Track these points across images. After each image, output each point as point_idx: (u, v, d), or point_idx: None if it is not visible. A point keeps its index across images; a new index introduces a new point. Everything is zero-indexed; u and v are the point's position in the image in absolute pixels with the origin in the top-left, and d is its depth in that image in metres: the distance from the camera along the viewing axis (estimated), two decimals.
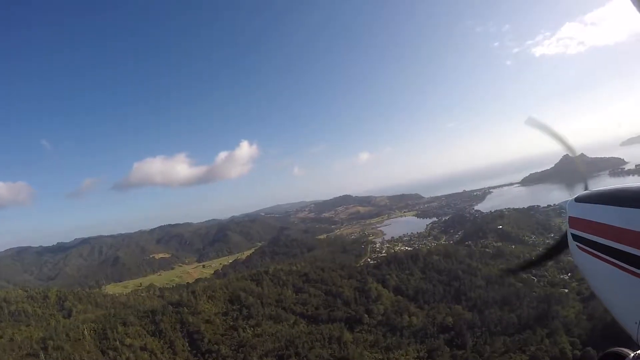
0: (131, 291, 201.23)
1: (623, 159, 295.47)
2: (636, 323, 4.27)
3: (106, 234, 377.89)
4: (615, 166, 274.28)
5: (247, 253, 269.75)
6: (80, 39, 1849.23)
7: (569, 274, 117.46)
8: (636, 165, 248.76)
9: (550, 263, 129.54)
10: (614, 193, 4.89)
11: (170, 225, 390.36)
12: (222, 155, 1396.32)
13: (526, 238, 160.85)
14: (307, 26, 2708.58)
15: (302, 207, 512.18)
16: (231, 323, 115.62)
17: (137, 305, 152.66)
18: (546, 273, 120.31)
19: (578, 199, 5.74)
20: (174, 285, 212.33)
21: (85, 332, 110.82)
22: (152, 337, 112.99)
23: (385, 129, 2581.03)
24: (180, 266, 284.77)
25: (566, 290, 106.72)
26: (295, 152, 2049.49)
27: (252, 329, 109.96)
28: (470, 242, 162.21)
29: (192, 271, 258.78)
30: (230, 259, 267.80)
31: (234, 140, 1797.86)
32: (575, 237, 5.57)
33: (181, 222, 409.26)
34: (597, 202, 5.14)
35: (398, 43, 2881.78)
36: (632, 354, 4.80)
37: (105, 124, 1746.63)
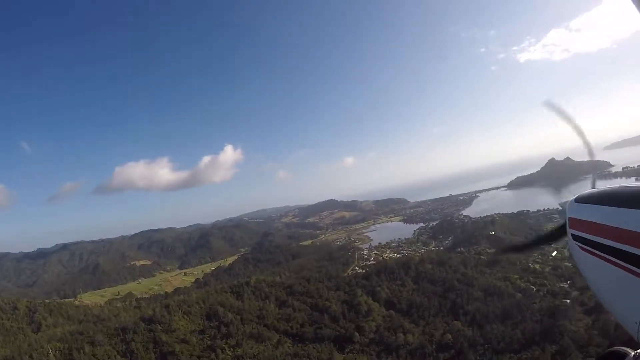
0: (108, 301, 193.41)
1: (609, 162, 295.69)
2: (636, 323, 4.20)
3: (87, 239, 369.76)
4: (602, 169, 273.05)
5: (230, 260, 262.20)
6: (61, 40, 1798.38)
7: (569, 282, 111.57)
8: (623, 168, 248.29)
9: (547, 269, 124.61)
10: (614, 193, 4.85)
11: (152, 231, 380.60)
12: (206, 159, 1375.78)
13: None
14: (291, 29, 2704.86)
15: (287, 212, 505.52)
16: (208, 342, 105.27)
17: (110, 318, 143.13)
18: (545, 282, 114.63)
19: (578, 200, 5.68)
20: (152, 295, 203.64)
21: (50, 353, 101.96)
22: (122, 359, 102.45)
23: (370, 134, 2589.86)
24: (161, 273, 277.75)
25: (568, 301, 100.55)
26: (280, 156, 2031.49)
27: (232, 349, 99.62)
28: (462, 248, 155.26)
29: (172, 279, 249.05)
30: (212, 266, 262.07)
31: (218, 145, 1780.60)
32: (576, 237, 5.52)
33: (164, 227, 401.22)
34: (597, 202, 5.11)
35: (383, 48, 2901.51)
36: (633, 353, 4.79)
37: (86, 127, 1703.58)
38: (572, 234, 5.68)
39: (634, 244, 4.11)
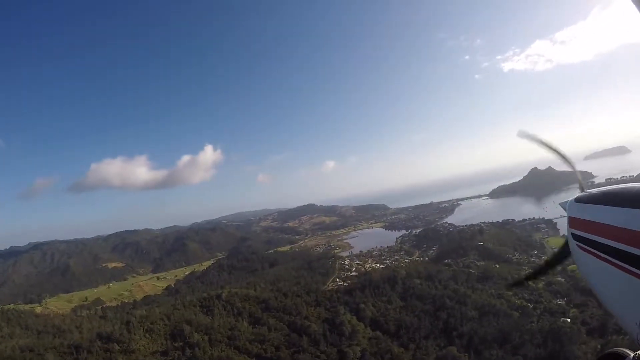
0: (73, 308, 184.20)
1: (591, 173, 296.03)
2: (636, 324, 4.18)
3: (62, 239, 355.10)
4: (584, 179, 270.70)
5: (206, 264, 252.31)
6: (33, 30, 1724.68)
7: (565, 299, 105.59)
8: (606, 179, 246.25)
9: (541, 285, 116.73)
10: (614, 193, 4.89)
11: (127, 232, 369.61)
12: (185, 159, 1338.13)
13: (509, 256, 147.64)
14: (275, 31, 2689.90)
15: (266, 215, 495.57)
16: None
17: (71, 330, 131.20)
18: (542, 299, 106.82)
19: (578, 200, 5.74)
20: (120, 302, 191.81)
21: None
22: None
23: (351, 139, 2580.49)
24: (134, 277, 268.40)
25: (568, 320, 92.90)
26: (260, 158, 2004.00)
27: None
28: (450, 260, 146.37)
29: (144, 284, 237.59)
30: (187, 271, 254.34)
31: (198, 144, 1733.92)
32: (576, 237, 5.56)
33: (141, 227, 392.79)
34: (597, 202, 5.15)
35: (366, 52, 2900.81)
36: (633, 354, 4.74)
37: (61, 120, 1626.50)
38: (572, 234, 5.63)
39: (634, 244, 4.07)
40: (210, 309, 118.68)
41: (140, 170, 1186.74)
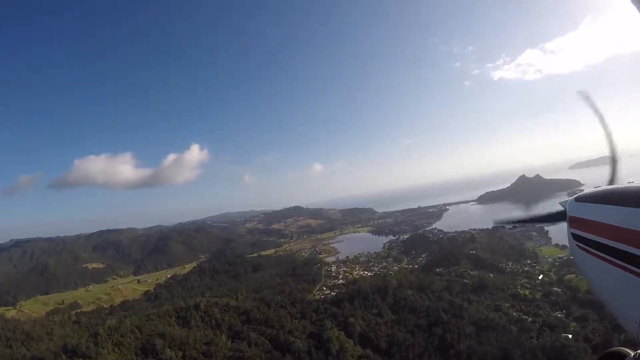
0: (48, 312, 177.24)
1: (579, 181, 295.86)
2: (636, 323, 4.23)
3: (45, 236, 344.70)
4: (572, 188, 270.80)
5: (189, 267, 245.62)
6: (14, 22, 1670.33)
7: (564, 311, 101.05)
8: (595, 187, 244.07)
9: (538, 296, 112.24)
10: (614, 193, 4.97)
11: (110, 231, 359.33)
12: (171, 157, 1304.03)
13: (502, 265, 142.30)
14: (264, 30, 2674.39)
15: (252, 217, 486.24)
16: None
17: (41, 337, 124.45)
18: (540, 311, 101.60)
19: (578, 199, 5.77)
20: (98, 306, 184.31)
21: None
22: None
23: (340, 142, 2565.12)
24: (114, 279, 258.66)
25: (570, 336, 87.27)
26: (247, 159, 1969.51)
27: None
28: (441, 269, 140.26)
29: (123, 287, 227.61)
30: (169, 273, 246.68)
31: (184, 143, 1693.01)
32: (576, 237, 5.53)
33: (125, 226, 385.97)
34: (598, 201, 5.20)
35: (358, 54, 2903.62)
36: (633, 354, 4.77)
37: (44, 116, 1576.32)
38: (572, 234, 5.62)
39: (634, 244, 4.09)
40: (187, 320, 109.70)
41: (125, 168, 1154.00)
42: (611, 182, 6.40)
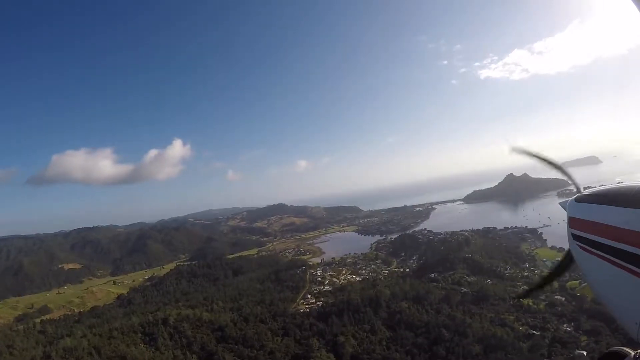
0: (16, 317, 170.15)
1: (567, 181, 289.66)
2: (636, 323, 4.26)
3: (23, 234, 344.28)
4: (560, 187, 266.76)
5: (167, 267, 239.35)
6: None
7: (573, 324, 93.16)
8: (584, 188, 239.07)
9: (542, 306, 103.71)
10: (614, 193, 4.94)
11: (89, 229, 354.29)
12: (152, 153, 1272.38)
13: (500, 270, 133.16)
14: (252, 25, 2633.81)
15: (235, 214, 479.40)
16: None
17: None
18: (548, 325, 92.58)
19: (578, 199, 5.77)
20: (69, 310, 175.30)
21: None
22: None
23: (324, 138, 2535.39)
24: (90, 279, 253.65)
25: (585, 353, 78.18)
26: (230, 155, 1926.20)
27: None
28: (435, 274, 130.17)
29: (97, 289, 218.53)
30: (147, 274, 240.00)
31: (166, 138, 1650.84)
32: (576, 237, 5.55)
33: (106, 224, 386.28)
34: (597, 202, 5.18)
35: (343, 50, 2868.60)
36: (633, 353, 4.79)
37: (21, 109, 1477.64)
38: (572, 234, 5.64)
39: (634, 244, 4.11)
40: (154, 338, 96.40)
41: (105, 164, 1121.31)
42: (577, 189, 6.43)
